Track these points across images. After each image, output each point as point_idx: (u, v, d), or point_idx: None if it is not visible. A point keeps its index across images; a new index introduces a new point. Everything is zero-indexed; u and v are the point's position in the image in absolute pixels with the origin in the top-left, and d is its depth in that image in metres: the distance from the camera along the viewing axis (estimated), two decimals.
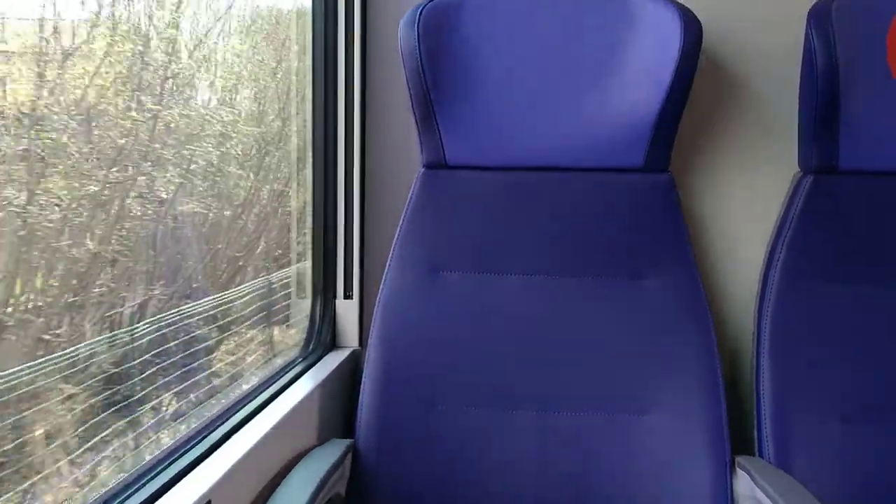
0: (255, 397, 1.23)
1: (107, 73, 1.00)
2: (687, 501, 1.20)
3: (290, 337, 1.56)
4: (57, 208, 0.94)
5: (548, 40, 1.28)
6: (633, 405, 1.24)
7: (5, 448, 0.89)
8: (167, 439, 1.13)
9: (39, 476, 0.94)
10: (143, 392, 1.16)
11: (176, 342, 1.24)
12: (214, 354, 1.37)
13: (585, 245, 1.29)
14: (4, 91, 0.87)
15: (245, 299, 1.43)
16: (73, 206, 0.98)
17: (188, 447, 1.05)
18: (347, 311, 1.46)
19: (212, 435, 1.09)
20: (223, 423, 1.14)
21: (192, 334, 1.28)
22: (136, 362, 1.14)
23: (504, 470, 1.26)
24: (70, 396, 1.00)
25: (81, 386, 1.02)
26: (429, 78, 1.27)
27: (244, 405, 1.20)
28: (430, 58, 1.26)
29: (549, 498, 1.24)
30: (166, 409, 1.21)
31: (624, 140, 1.27)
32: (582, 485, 1.24)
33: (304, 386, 1.28)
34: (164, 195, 1.17)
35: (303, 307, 1.50)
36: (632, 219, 1.28)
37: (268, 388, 1.27)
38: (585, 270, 1.29)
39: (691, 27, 1.22)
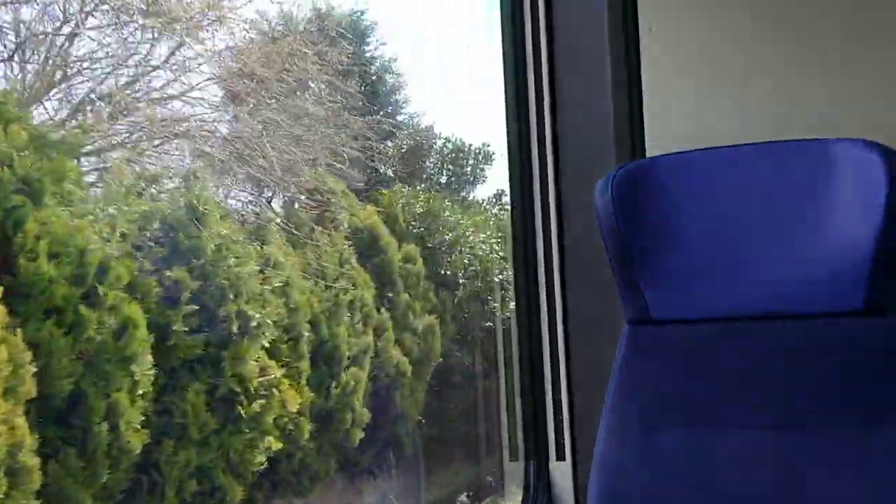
0: None
1: None
2: None
3: None
4: None
5: (748, 192, 1.35)
6: None
7: None
8: None
9: None
10: None
11: None
12: None
13: (810, 396, 1.29)
14: None
15: None
16: None
17: None
18: (561, 473, 1.55)
19: None
20: None
21: None
22: None
23: None
24: None
25: None
26: (626, 238, 1.39)
27: None
28: (626, 219, 1.39)
29: None
30: None
31: (841, 283, 1.28)
32: None
33: None
34: None
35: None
36: (860, 365, 1.27)
37: None
38: (814, 423, 1.27)
39: None
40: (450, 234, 7.13)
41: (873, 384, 1.24)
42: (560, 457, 1.52)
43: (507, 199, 7.85)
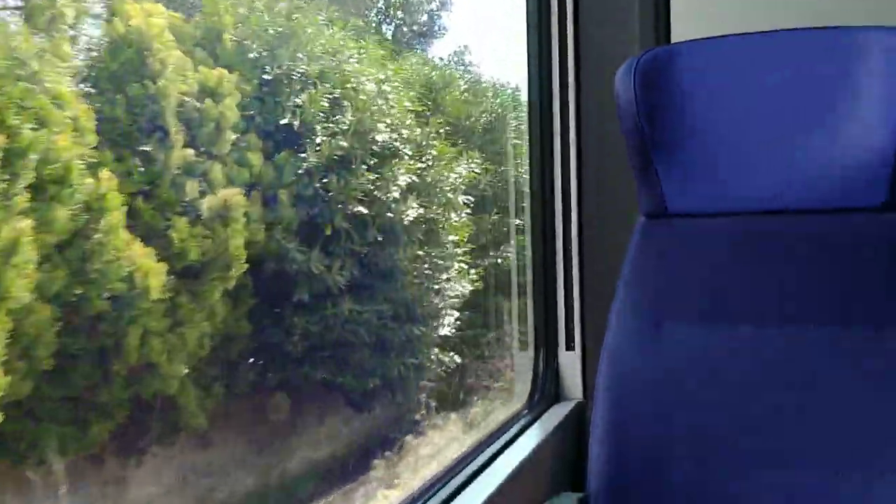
0: (484, 449, 1.43)
1: None
2: None
3: None
4: None
5: (772, 82, 1.40)
6: (889, 465, 1.30)
7: None
8: None
9: None
10: None
11: None
12: None
13: (823, 292, 1.37)
14: None
15: None
16: None
17: (424, 501, 1.24)
18: (570, 362, 1.63)
19: (444, 489, 1.27)
20: (454, 476, 1.33)
21: None
22: None
23: None
24: None
25: None
26: (646, 127, 1.41)
27: (474, 457, 1.40)
28: (647, 107, 1.40)
29: None
30: None
31: (861, 178, 1.36)
32: None
33: (532, 438, 1.47)
34: None
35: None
36: (875, 264, 1.36)
37: (496, 440, 1.46)
38: (825, 320, 1.37)
39: None
40: (315, 66, 4.73)
41: (887, 286, 1.32)
42: (569, 347, 1.57)
43: (469, 57, 6.71)
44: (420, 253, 4.89)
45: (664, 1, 1.65)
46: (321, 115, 4.48)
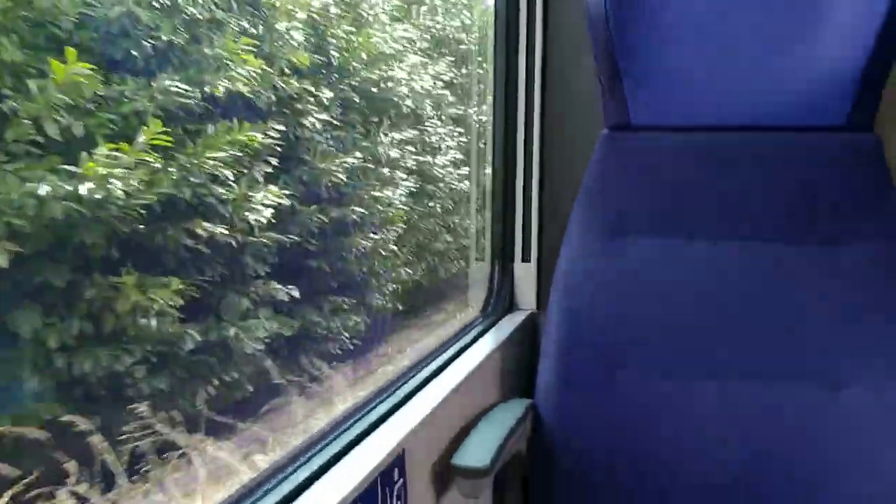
0: (439, 355, 1.45)
1: None
2: (890, 480, 1.29)
3: None
4: None
5: None
6: (828, 378, 1.34)
7: None
8: None
9: None
10: None
11: None
12: None
13: (779, 209, 1.40)
14: None
15: None
16: None
17: (379, 401, 1.25)
18: (525, 274, 1.65)
19: (400, 390, 1.29)
20: (410, 378, 1.34)
21: None
22: None
23: (687, 439, 1.39)
24: None
25: None
26: (615, 36, 1.41)
27: (429, 362, 1.41)
28: (616, 16, 1.41)
29: (731, 463, 1.37)
30: None
31: (825, 98, 1.37)
32: (768, 457, 1.36)
33: (485, 345, 1.49)
34: None
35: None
36: (832, 181, 1.38)
37: (450, 346, 1.49)
38: (778, 236, 1.40)
39: None
40: None
41: (844, 204, 1.34)
42: (525, 258, 1.59)
43: None
44: None
45: None
46: None
